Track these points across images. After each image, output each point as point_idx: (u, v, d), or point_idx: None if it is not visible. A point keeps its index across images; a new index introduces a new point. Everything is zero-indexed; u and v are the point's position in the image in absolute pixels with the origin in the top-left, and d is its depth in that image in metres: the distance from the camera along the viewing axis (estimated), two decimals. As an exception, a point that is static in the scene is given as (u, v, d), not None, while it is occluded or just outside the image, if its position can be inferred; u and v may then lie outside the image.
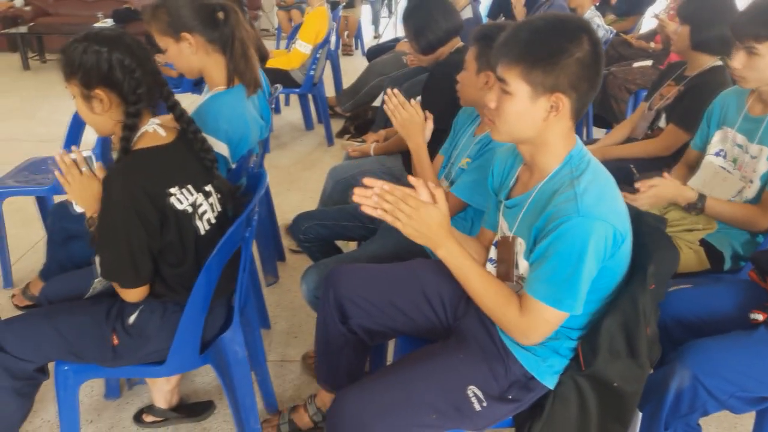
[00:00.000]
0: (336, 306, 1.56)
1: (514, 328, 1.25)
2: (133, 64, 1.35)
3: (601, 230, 1.14)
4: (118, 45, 1.35)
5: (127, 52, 1.35)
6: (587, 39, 1.15)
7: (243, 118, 1.83)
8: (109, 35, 1.36)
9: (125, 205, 1.32)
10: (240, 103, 1.84)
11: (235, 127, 1.80)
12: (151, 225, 1.35)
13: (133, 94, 1.36)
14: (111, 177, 1.36)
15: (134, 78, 1.36)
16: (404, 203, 1.20)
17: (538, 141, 1.23)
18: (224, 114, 1.78)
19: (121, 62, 1.34)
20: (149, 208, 1.34)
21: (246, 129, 1.84)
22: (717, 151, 1.90)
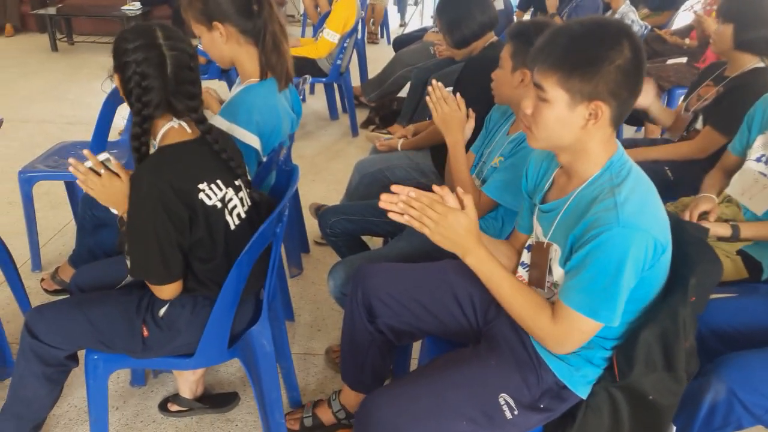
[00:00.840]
0: (364, 304, 1.56)
1: (547, 336, 1.23)
2: (150, 71, 1.31)
3: (642, 241, 1.11)
4: (149, 47, 1.32)
5: (152, 57, 1.31)
6: (628, 45, 1.11)
7: (275, 111, 1.82)
8: (150, 35, 1.33)
9: (153, 202, 1.31)
10: (272, 96, 1.82)
11: (267, 120, 1.79)
12: (180, 221, 1.34)
13: (138, 101, 1.33)
14: (139, 174, 1.35)
15: (141, 86, 1.32)
16: (431, 209, 1.19)
17: (576, 147, 1.20)
18: (257, 106, 1.77)
19: (136, 64, 1.31)
20: (178, 205, 1.33)
21: (278, 122, 1.82)
22: (758, 156, 1.85)
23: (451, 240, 1.21)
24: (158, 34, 1.34)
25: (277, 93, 1.84)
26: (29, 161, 2.60)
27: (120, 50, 1.35)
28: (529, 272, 1.39)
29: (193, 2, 1.76)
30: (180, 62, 1.35)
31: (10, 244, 2.08)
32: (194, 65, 1.39)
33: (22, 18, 6.96)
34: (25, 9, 6.80)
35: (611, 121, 1.16)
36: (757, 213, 1.82)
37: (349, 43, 3.99)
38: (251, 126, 1.74)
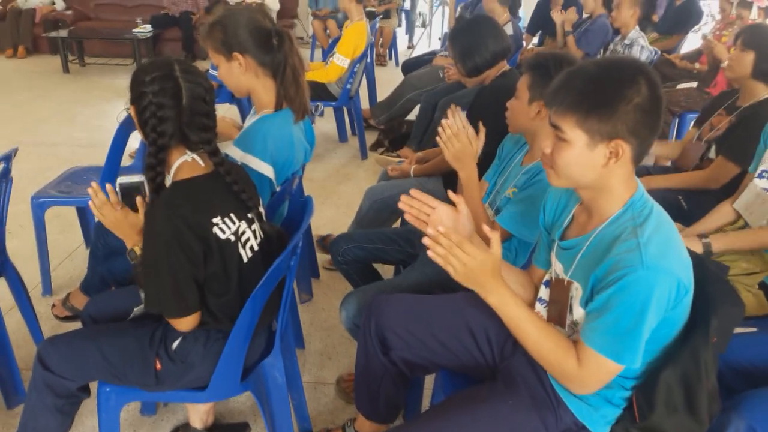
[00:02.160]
0: (377, 336, 1.54)
1: (572, 378, 1.21)
2: (165, 101, 1.32)
3: (666, 283, 1.09)
4: (166, 78, 1.33)
5: (168, 88, 1.33)
6: (645, 82, 1.11)
7: (290, 141, 1.83)
8: (167, 68, 1.34)
9: (168, 237, 1.31)
10: (287, 127, 1.83)
11: (281, 150, 1.80)
12: (195, 256, 1.34)
13: (153, 130, 1.34)
14: (153, 210, 1.35)
15: (157, 116, 1.33)
16: (459, 249, 1.18)
17: (598, 185, 1.19)
18: (272, 136, 1.78)
19: (152, 94, 1.32)
20: (193, 240, 1.32)
21: (292, 151, 1.83)
22: (761, 171, 1.85)
23: (474, 281, 1.21)
24: (176, 67, 1.35)
25: (292, 123, 1.85)
26: (40, 184, 2.62)
27: (137, 82, 1.36)
28: (548, 309, 1.37)
29: (214, 33, 1.78)
30: (195, 94, 1.36)
31: (20, 268, 2.08)
32: (209, 99, 1.39)
33: (35, 40, 7.07)
34: (38, 31, 6.91)
35: (632, 159, 1.16)
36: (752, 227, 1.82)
37: (359, 68, 4.02)
38: (266, 156, 1.75)
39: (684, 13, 4.77)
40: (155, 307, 1.39)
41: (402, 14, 8.17)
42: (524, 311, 1.23)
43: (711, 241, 1.77)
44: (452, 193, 1.33)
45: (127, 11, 7.10)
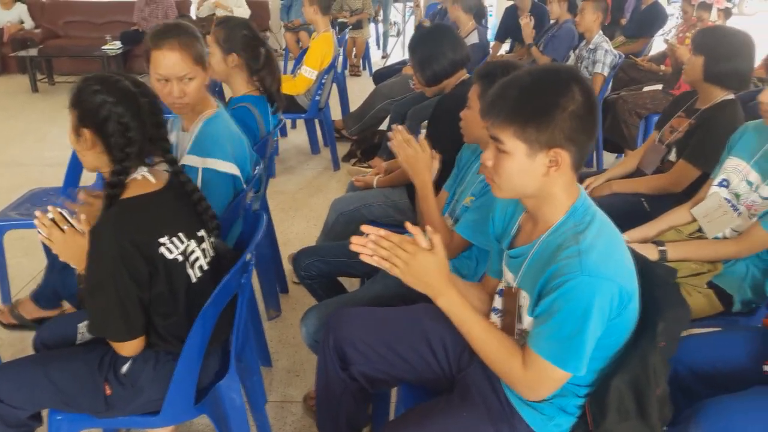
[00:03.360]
0: (336, 351, 1.52)
1: (519, 382, 1.21)
2: (133, 122, 1.31)
3: (607, 289, 1.09)
4: (128, 99, 1.31)
5: (133, 109, 1.31)
6: (578, 89, 1.12)
7: (239, 137, 1.90)
8: (124, 87, 1.32)
9: (113, 257, 1.28)
10: (232, 124, 1.91)
11: (236, 147, 1.85)
12: (140, 276, 1.31)
13: (121, 151, 1.32)
14: (98, 228, 1.32)
15: (126, 136, 1.31)
16: (401, 249, 1.18)
17: (541, 194, 1.19)
18: (224, 135, 1.82)
19: (119, 117, 1.30)
20: (138, 260, 1.30)
21: (243, 147, 1.89)
22: (721, 180, 1.87)
23: (422, 281, 1.21)
24: (128, 84, 1.33)
25: (232, 121, 1.91)
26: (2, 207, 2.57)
27: (93, 105, 1.31)
28: (502, 318, 1.36)
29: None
30: (152, 107, 1.36)
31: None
32: (159, 109, 1.39)
33: (3, 60, 6.98)
34: (6, 51, 6.82)
35: (572, 166, 1.16)
36: (708, 237, 1.84)
37: (327, 79, 4.01)
38: (227, 155, 1.77)
39: (649, 17, 4.83)
40: (99, 330, 1.36)
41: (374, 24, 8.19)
42: (471, 313, 1.23)
43: (667, 249, 1.78)
44: (410, 225, 1.29)
45: (96, 28, 7.03)
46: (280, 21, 7.43)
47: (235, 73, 2.27)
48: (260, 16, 7.55)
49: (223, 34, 2.22)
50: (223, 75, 2.29)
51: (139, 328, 1.36)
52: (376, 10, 8.13)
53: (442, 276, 1.21)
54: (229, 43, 2.22)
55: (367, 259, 1.20)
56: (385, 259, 1.20)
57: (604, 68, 3.67)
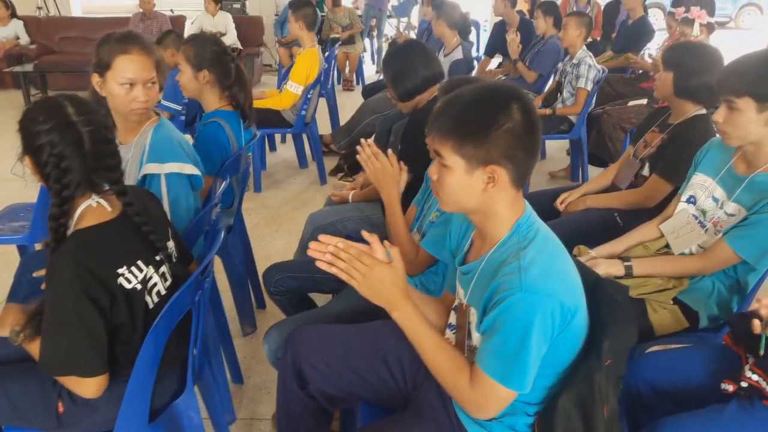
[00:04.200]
0: (294, 369, 1.51)
1: (466, 400, 1.20)
2: (69, 152, 1.26)
3: (547, 306, 1.08)
4: (64, 128, 1.26)
5: (69, 138, 1.26)
6: (518, 107, 1.12)
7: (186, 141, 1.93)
8: (63, 115, 1.27)
9: (76, 291, 1.24)
10: (176, 129, 1.95)
11: (187, 149, 1.90)
12: (102, 308, 1.28)
13: (57, 182, 1.27)
14: (56, 263, 1.27)
15: (60, 167, 1.27)
16: (359, 261, 1.18)
17: (483, 210, 1.20)
18: (176, 138, 1.87)
19: (51, 146, 1.26)
20: (99, 291, 1.27)
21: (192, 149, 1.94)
22: (688, 197, 1.86)
23: (378, 293, 1.20)
24: (69, 111, 1.29)
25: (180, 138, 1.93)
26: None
27: (30, 132, 1.28)
28: (456, 334, 1.36)
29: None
30: (97, 136, 1.31)
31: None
32: (111, 137, 1.35)
33: (-2, 76, 7.02)
34: (1, 66, 6.86)
35: (512, 183, 1.16)
36: (674, 252, 1.83)
37: (314, 94, 4.02)
38: (184, 157, 1.81)
39: (636, 32, 4.85)
40: (65, 367, 1.30)
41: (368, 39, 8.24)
42: (424, 328, 1.22)
43: (633, 264, 1.78)
44: (365, 233, 1.29)
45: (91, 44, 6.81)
46: (274, 36, 7.49)
47: (206, 89, 2.30)
48: (255, 32, 7.60)
49: (193, 51, 2.25)
50: (194, 92, 2.31)
51: (106, 362, 1.32)
52: (371, 26, 8.20)
53: (398, 289, 1.21)
54: (199, 60, 2.25)
55: (323, 266, 1.20)
56: (343, 271, 1.19)
57: (587, 83, 3.69)
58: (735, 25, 14.67)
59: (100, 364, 1.31)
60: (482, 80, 1.74)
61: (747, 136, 1.64)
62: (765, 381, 1.29)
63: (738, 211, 1.70)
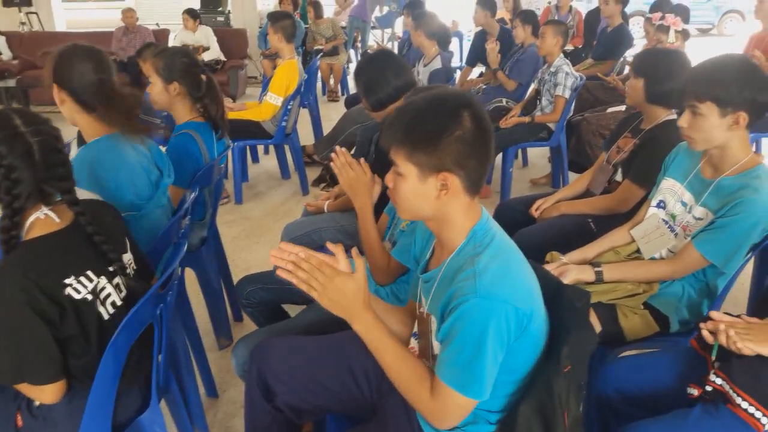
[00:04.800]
0: (259, 382, 1.50)
1: (426, 411, 1.19)
2: (18, 164, 1.26)
3: (501, 311, 1.08)
4: (12, 140, 1.26)
5: (18, 150, 1.26)
6: (468, 115, 1.12)
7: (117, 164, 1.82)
8: (11, 126, 1.27)
9: (20, 303, 1.23)
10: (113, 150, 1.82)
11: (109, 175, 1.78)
12: (51, 320, 1.27)
13: (7, 194, 1.27)
14: (1, 273, 1.27)
15: (9, 179, 1.26)
16: (320, 272, 1.16)
17: (439, 217, 1.19)
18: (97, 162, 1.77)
19: (0, 159, 1.25)
20: (46, 303, 1.25)
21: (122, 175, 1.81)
22: (658, 201, 1.87)
23: (339, 304, 1.18)
24: (17, 122, 1.28)
25: (124, 147, 1.84)
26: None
27: None
28: (419, 342, 1.35)
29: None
30: (47, 146, 1.30)
31: None
32: (61, 146, 1.35)
33: (-21, 91, 6.98)
34: (-18, 82, 6.83)
35: (465, 190, 1.15)
36: (645, 257, 1.83)
37: (293, 105, 4.02)
38: (91, 184, 1.71)
39: (615, 39, 4.88)
40: (18, 376, 1.28)
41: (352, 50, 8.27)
42: (386, 339, 1.20)
43: (603, 270, 1.77)
44: (330, 244, 1.28)
45: None
46: (258, 48, 7.50)
47: (177, 101, 2.30)
48: (239, 44, 7.62)
49: (163, 63, 2.25)
50: (165, 104, 2.31)
51: (61, 369, 1.31)
52: (356, 37, 8.23)
53: (359, 300, 1.19)
54: (169, 72, 2.24)
55: (283, 275, 1.18)
56: (304, 281, 1.17)
57: (565, 90, 3.70)
58: (718, 32, 14.85)
59: (54, 371, 1.30)
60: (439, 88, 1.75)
61: (711, 141, 1.65)
62: (728, 385, 1.28)
63: (705, 215, 1.70)
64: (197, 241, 2.34)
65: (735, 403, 1.26)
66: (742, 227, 1.60)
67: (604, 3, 4.93)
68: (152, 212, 1.85)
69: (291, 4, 6.91)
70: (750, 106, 1.56)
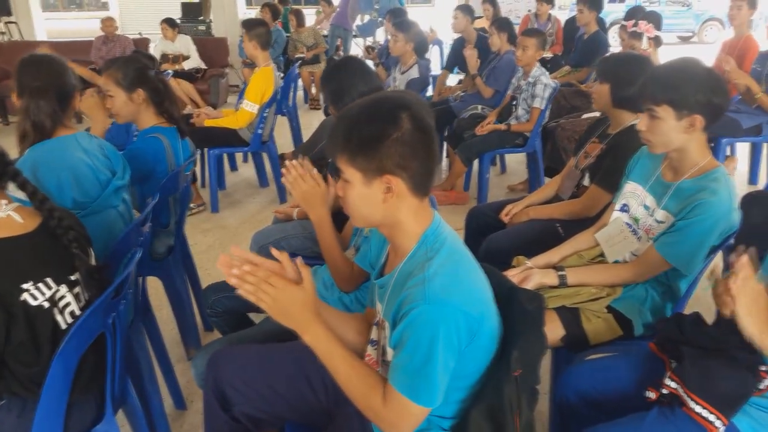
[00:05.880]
0: (216, 392, 1.47)
1: (379, 420, 1.17)
2: None
3: (451, 317, 1.07)
4: None
5: None
6: (407, 117, 1.11)
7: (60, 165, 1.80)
8: None
9: None
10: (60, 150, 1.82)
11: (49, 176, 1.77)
12: None
13: None
14: None
15: None
16: (267, 283, 1.14)
17: (389, 222, 1.18)
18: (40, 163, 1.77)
19: None
20: None
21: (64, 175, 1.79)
22: (622, 205, 1.87)
23: (288, 316, 1.16)
24: None
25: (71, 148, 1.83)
26: None
27: None
28: (376, 350, 1.33)
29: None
30: None
31: None
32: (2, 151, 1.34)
33: (-43, 100, 6.91)
34: (-40, 91, 6.76)
35: (411, 192, 1.14)
36: (609, 261, 1.84)
37: (270, 113, 4.01)
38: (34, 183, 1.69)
39: (591, 46, 4.92)
40: None
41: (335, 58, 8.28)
42: (336, 348, 1.19)
43: (567, 274, 1.77)
44: (275, 251, 1.27)
45: None
46: (239, 57, 7.48)
47: (142, 109, 2.27)
48: (220, 53, 7.60)
49: (121, 74, 2.21)
50: (130, 115, 2.27)
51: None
52: (338, 45, 8.24)
53: (308, 312, 1.17)
54: (131, 80, 2.21)
55: (233, 283, 1.15)
56: (251, 293, 1.15)
57: (542, 102, 3.73)
58: (698, 39, 15.06)
59: None
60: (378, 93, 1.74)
61: (669, 143, 1.65)
62: (682, 388, 1.28)
63: (666, 218, 1.71)
64: (164, 249, 2.31)
65: (689, 406, 1.26)
66: (701, 229, 1.61)
67: (580, 11, 4.99)
68: (102, 213, 1.83)
69: (270, 13, 6.90)
70: (705, 108, 1.57)
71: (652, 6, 13.47)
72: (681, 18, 15.27)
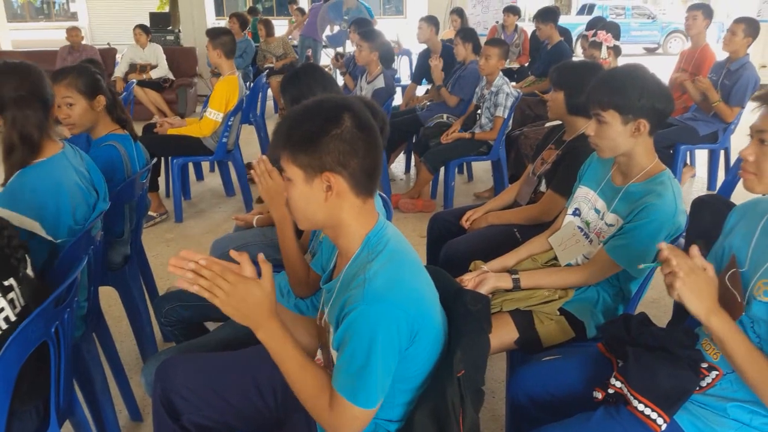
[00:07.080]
0: (164, 401, 1.45)
1: (325, 422, 1.16)
2: None
3: (391, 317, 1.07)
4: None
5: None
6: (347, 115, 1.12)
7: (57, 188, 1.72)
8: None
9: None
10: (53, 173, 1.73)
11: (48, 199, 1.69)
12: None
13: None
14: None
15: None
16: (222, 279, 1.12)
17: (332, 224, 1.18)
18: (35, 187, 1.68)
19: None
20: None
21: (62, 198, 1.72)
22: (574, 209, 1.91)
23: (242, 312, 1.14)
24: None
25: (61, 168, 1.76)
26: None
27: None
28: (324, 353, 1.33)
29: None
30: None
31: None
32: None
33: None
34: None
35: (352, 192, 1.14)
36: (561, 264, 1.87)
37: (234, 121, 3.98)
38: (31, 210, 1.64)
39: (555, 56, 5.00)
40: None
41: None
42: (289, 348, 1.17)
43: (520, 277, 1.79)
44: (233, 252, 1.25)
45: None
46: (207, 67, 7.44)
47: (101, 116, 2.23)
48: (188, 63, 7.56)
49: (83, 81, 2.16)
50: (90, 123, 2.22)
51: None
52: (308, 56, 8.25)
53: (264, 308, 1.15)
54: (92, 87, 2.17)
55: (184, 286, 1.13)
56: (206, 289, 1.13)
57: (504, 111, 3.79)
58: (663, 50, 15.46)
59: None
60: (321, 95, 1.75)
61: (616, 148, 1.69)
62: (626, 388, 1.30)
63: (616, 221, 1.74)
64: (120, 259, 2.27)
65: (633, 404, 1.28)
66: (647, 231, 1.64)
67: (537, 28, 5.17)
68: None
69: (238, 23, 6.88)
70: (649, 113, 1.61)
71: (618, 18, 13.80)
72: (646, 30, 15.67)
